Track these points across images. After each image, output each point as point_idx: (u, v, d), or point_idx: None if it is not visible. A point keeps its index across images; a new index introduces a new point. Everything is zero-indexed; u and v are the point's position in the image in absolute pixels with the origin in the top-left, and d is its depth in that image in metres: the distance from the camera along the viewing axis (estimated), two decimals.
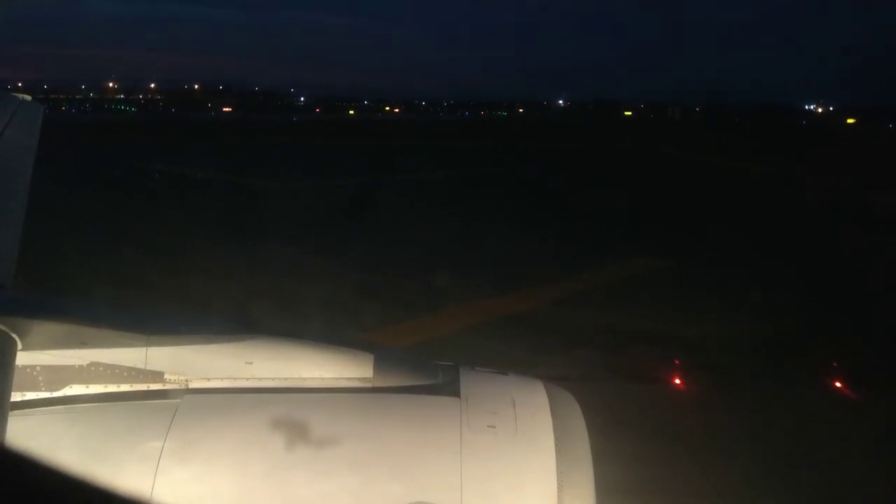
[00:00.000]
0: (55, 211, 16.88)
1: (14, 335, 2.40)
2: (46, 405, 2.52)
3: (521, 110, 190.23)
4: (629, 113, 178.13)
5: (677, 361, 10.33)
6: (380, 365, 2.63)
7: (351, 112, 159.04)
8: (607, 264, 17.06)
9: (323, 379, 2.59)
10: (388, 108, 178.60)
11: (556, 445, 2.34)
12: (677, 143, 62.00)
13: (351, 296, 12.84)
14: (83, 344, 2.56)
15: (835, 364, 10.42)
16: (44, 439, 2.39)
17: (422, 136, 69.18)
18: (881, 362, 10.58)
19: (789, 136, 78.48)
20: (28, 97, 6.80)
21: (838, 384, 9.81)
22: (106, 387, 2.58)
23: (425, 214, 23.73)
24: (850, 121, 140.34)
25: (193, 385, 2.59)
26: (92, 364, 2.57)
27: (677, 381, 9.82)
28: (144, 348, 2.57)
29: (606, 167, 43.07)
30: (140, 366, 2.58)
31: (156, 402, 2.52)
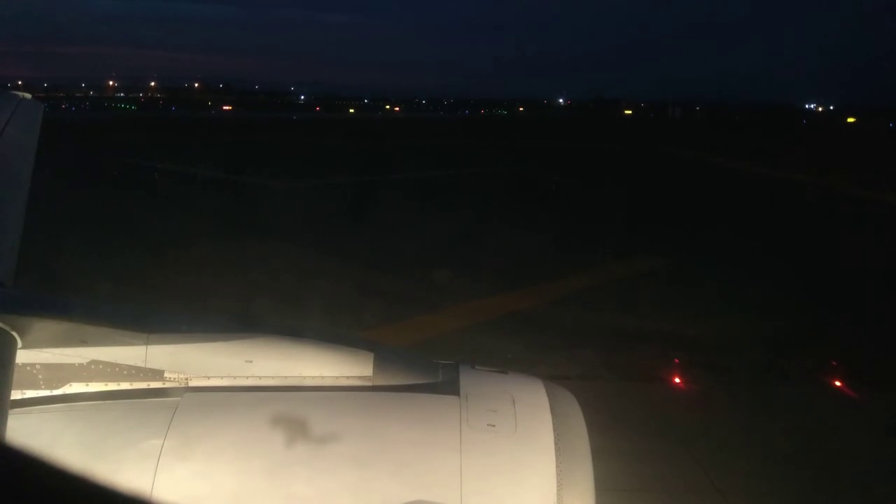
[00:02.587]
0: (54, 208, 16.90)
1: (14, 333, 2.39)
2: (46, 403, 2.52)
3: (521, 109, 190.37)
4: (629, 112, 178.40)
5: (677, 360, 10.33)
6: (380, 363, 2.62)
7: (351, 111, 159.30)
8: (604, 262, 17.09)
9: (323, 377, 2.59)
10: (388, 107, 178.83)
11: (556, 444, 2.33)
12: (676, 142, 61.97)
13: (349, 292, 12.87)
14: (83, 342, 2.56)
15: (834, 363, 10.43)
16: (44, 437, 2.38)
17: (422, 135, 69.15)
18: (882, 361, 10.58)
19: (791, 135, 78.36)
20: (28, 95, 6.79)
21: (838, 383, 9.81)
22: (106, 385, 2.58)
23: (425, 213, 23.72)
24: (850, 120, 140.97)
25: (193, 383, 2.59)
26: (92, 362, 2.57)
27: (677, 379, 9.82)
28: (144, 346, 2.57)
29: (604, 166, 43.12)
30: (140, 364, 2.58)
31: (156, 401, 2.51)
